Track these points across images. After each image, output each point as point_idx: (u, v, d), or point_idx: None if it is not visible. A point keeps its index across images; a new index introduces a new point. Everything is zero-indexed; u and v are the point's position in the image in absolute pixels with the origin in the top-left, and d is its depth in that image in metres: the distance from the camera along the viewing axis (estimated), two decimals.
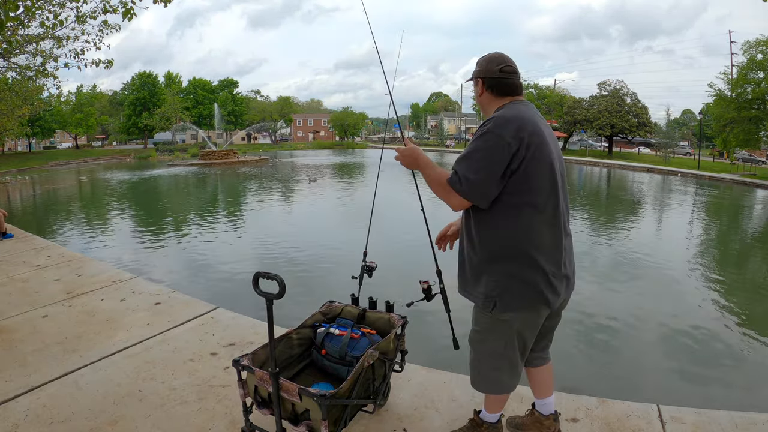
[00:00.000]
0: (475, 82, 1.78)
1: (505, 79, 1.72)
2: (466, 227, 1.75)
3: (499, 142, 1.54)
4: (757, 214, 14.67)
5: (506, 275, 1.64)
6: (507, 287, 1.64)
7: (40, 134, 46.11)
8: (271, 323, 1.72)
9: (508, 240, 1.63)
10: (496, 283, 1.66)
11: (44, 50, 7.73)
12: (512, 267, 1.63)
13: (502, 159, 1.55)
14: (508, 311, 1.66)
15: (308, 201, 14.72)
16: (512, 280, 1.64)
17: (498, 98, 1.73)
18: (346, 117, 63.03)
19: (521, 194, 1.59)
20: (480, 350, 1.81)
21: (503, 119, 1.59)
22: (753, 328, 4.85)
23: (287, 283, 1.60)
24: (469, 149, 1.60)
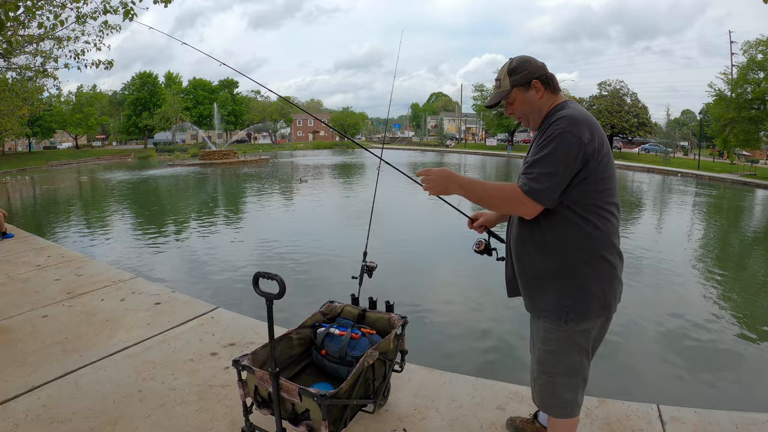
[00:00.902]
0: (524, 87, 1.61)
1: (552, 75, 1.63)
2: (526, 235, 1.62)
3: (577, 142, 1.44)
4: (757, 214, 14.67)
5: (583, 282, 1.53)
6: (585, 295, 1.53)
7: (40, 134, 46.12)
8: (271, 323, 1.72)
9: (589, 244, 1.52)
10: (572, 292, 1.54)
11: (44, 50, 7.74)
12: (590, 272, 1.53)
13: (580, 160, 1.45)
14: (588, 320, 1.55)
15: (308, 201, 14.72)
16: (590, 286, 1.53)
17: (554, 95, 1.62)
18: (346, 117, 63.07)
19: (602, 196, 1.51)
20: (555, 371, 1.64)
21: (575, 119, 1.48)
22: (753, 328, 4.85)
23: (287, 283, 1.60)
24: (544, 152, 1.47)
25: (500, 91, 1.65)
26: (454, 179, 1.59)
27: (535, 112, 1.62)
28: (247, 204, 14.68)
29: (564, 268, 1.55)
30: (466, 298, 5.48)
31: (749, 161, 29.32)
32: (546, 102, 1.61)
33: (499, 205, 1.60)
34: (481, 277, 6.08)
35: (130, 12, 5.34)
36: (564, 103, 1.59)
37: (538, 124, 1.63)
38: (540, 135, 1.55)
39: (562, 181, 1.46)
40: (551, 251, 1.56)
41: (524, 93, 1.61)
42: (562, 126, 1.46)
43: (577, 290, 1.54)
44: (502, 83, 1.64)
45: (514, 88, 1.61)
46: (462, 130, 65.98)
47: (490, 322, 4.72)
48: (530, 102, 1.61)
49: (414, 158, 37.31)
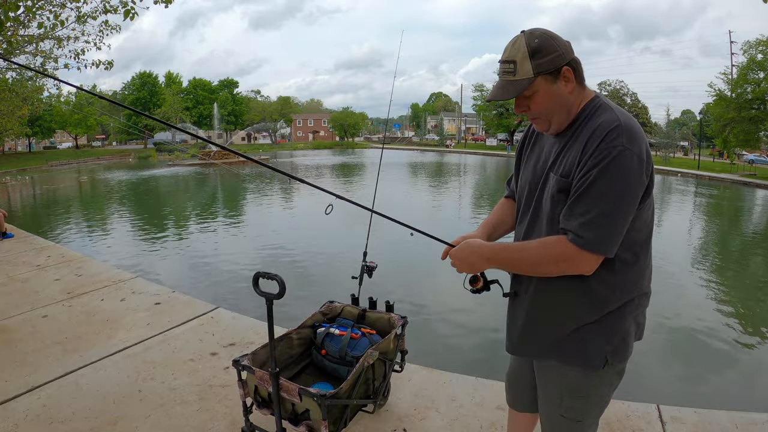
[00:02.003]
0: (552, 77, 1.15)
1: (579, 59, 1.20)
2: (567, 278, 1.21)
3: (638, 164, 1.08)
4: (757, 214, 14.67)
5: (628, 327, 1.26)
6: (628, 338, 1.26)
7: (40, 134, 46.16)
8: (271, 323, 1.72)
9: (639, 284, 1.25)
10: (614, 338, 1.24)
11: (44, 50, 7.74)
12: (634, 311, 1.26)
13: (641, 189, 1.11)
14: (624, 359, 1.29)
15: (308, 201, 14.72)
16: (629, 325, 1.26)
17: (583, 88, 1.22)
18: (346, 117, 63.09)
19: (645, 225, 1.21)
20: (587, 419, 1.35)
21: (631, 128, 1.10)
22: (753, 327, 4.85)
23: (287, 283, 1.59)
24: (600, 182, 1.08)
25: (518, 79, 1.15)
26: (478, 253, 1.27)
27: (563, 111, 1.19)
28: (247, 204, 14.68)
29: (608, 318, 1.23)
30: (467, 297, 5.45)
31: (749, 161, 29.30)
32: (575, 97, 1.19)
33: (545, 269, 1.20)
34: None
35: (131, 12, 5.34)
36: (598, 99, 1.21)
37: (564, 127, 1.22)
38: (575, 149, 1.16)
39: (627, 221, 1.11)
40: (594, 298, 1.21)
41: (551, 84, 1.16)
42: (620, 142, 1.07)
43: (620, 336, 1.25)
44: (518, 68, 1.14)
45: (539, 77, 1.14)
46: (462, 130, 66.00)
47: (491, 321, 4.72)
48: (558, 97, 1.17)
49: (414, 158, 37.30)
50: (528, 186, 1.34)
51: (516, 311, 1.39)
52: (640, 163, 1.08)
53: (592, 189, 1.09)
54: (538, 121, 1.24)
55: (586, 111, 1.19)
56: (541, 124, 1.25)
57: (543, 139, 1.34)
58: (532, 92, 1.17)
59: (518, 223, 1.41)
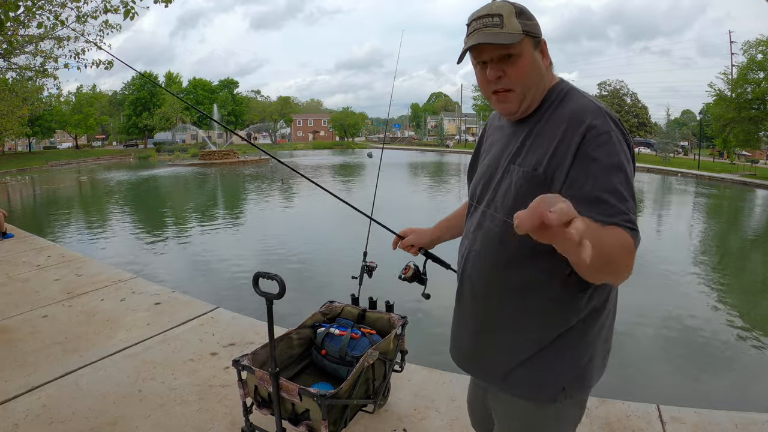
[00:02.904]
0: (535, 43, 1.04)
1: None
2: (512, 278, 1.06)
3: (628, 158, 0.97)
4: (757, 214, 14.67)
5: (593, 344, 1.07)
6: (589, 361, 1.06)
7: (40, 134, 46.17)
8: (271, 323, 1.72)
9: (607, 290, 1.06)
10: (576, 361, 1.05)
11: (44, 50, 7.74)
12: (598, 325, 1.06)
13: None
14: (588, 388, 1.09)
15: (308, 201, 14.72)
16: (596, 348, 1.08)
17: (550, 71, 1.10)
18: (346, 117, 63.10)
19: None
20: None
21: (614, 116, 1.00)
22: (753, 327, 4.85)
23: (287, 283, 1.60)
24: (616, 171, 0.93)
25: (505, 32, 0.99)
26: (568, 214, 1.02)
27: (538, 87, 1.06)
28: (247, 204, 14.68)
29: (571, 336, 1.04)
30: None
31: (749, 161, 29.32)
32: (549, 77, 1.09)
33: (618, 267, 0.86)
34: None
35: (131, 11, 5.34)
36: (565, 83, 1.10)
37: (532, 108, 1.07)
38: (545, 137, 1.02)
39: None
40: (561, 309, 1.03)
41: (534, 51, 1.04)
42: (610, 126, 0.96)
43: (585, 359, 1.06)
44: (506, 22, 1.00)
45: (527, 37, 1.00)
46: (462, 130, 66.00)
47: None
48: (539, 68, 1.04)
49: (414, 158, 37.30)
50: (482, 182, 1.18)
51: (460, 317, 1.21)
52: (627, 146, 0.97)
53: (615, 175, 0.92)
54: (511, 96, 1.05)
55: (554, 95, 1.07)
56: (512, 101, 1.05)
57: (499, 132, 1.19)
58: (517, 52, 1.01)
59: (467, 220, 1.24)
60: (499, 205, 1.08)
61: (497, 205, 1.09)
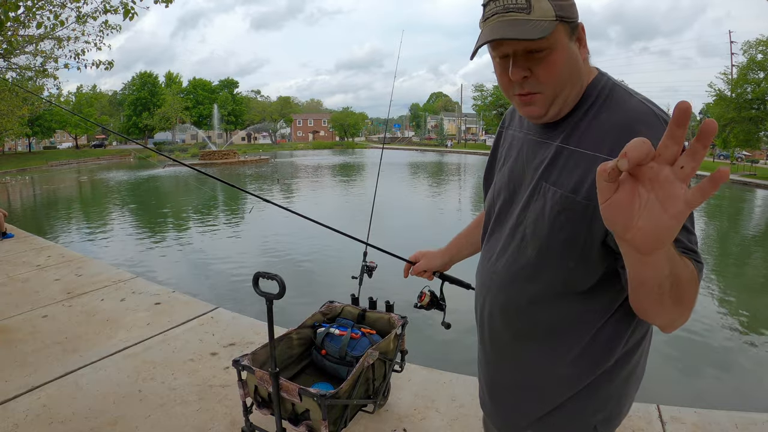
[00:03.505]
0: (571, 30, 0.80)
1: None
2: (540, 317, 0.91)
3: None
4: (757, 213, 14.68)
5: (625, 383, 0.93)
6: (623, 397, 0.94)
7: (40, 134, 46.19)
8: (271, 323, 1.72)
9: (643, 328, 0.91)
10: (608, 401, 0.92)
11: (44, 51, 7.73)
12: (633, 368, 0.93)
13: None
14: (618, 424, 0.97)
15: (308, 201, 14.73)
16: (630, 385, 0.94)
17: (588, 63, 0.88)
18: (346, 117, 63.14)
19: None
20: None
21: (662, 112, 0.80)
22: (753, 328, 4.85)
23: (287, 283, 1.59)
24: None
25: (534, 18, 0.76)
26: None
27: (575, 85, 0.83)
28: (247, 203, 14.67)
29: (605, 374, 0.90)
30: (467, 297, 5.47)
31: (749, 161, 29.32)
32: (587, 71, 0.86)
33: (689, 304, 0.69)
34: None
35: (130, 12, 5.33)
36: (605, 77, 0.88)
37: (564, 111, 0.85)
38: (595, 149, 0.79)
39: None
40: (593, 352, 0.88)
41: (569, 41, 0.80)
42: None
43: (615, 398, 0.93)
44: (534, 4, 0.76)
45: (560, 23, 0.78)
46: (462, 129, 66.02)
47: None
48: (576, 62, 0.82)
49: (414, 158, 37.30)
50: (502, 195, 1.00)
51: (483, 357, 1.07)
52: None
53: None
54: (537, 98, 0.83)
55: (593, 95, 0.84)
56: (539, 104, 0.84)
57: (522, 133, 0.99)
58: (547, 45, 0.78)
59: (486, 242, 1.05)
60: (529, 232, 0.89)
61: (526, 231, 0.90)
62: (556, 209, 0.83)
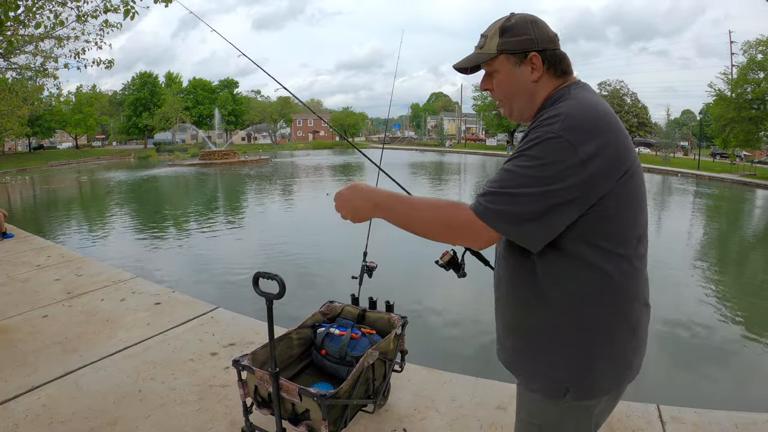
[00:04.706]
0: (517, 59, 1.10)
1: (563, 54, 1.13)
2: (521, 275, 1.12)
3: (571, 153, 0.95)
4: (757, 214, 14.67)
5: (588, 351, 1.07)
6: (589, 368, 1.07)
7: (40, 134, 46.19)
8: (271, 323, 1.72)
9: (601, 298, 1.06)
10: (573, 363, 1.07)
11: (44, 50, 7.73)
12: (597, 338, 1.06)
13: (575, 184, 0.96)
14: (591, 397, 1.10)
15: (308, 201, 14.73)
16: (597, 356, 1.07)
17: (556, 79, 1.12)
18: (346, 117, 63.15)
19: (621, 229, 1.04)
20: None
21: (578, 119, 0.98)
22: (753, 328, 4.85)
23: (287, 283, 1.59)
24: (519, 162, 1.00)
25: (480, 52, 1.13)
26: (365, 195, 1.15)
27: (523, 98, 1.13)
28: (246, 203, 14.68)
29: (568, 331, 1.07)
30: (467, 297, 5.47)
31: (750, 161, 29.32)
32: (543, 88, 1.11)
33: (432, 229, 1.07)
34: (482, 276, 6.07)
35: (130, 11, 5.33)
36: (565, 88, 1.10)
37: (527, 116, 1.15)
38: (524, 136, 1.07)
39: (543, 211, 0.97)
40: (552, 305, 1.07)
41: (514, 67, 1.10)
42: (553, 129, 0.97)
43: (581, 362, 1.07)
44: (487, 42, 1.12)
45: (501, 55, 1.10)
46: (462, 130, 66.01)
47: (491, 321, 4.72)
48: (519, 82, 1.11)
49: (414, 158, 37.31)
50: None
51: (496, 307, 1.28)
52: (571, 152, 0.94)
53: (508, 168, 1.01)
54: (501, 105, 1.19)
55: (549, 100, 1.10)
56: (503, 108, 1.19)
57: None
58: (494, 69, 1.13)
59: None
60: None
61: None
62: None
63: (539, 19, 1.12)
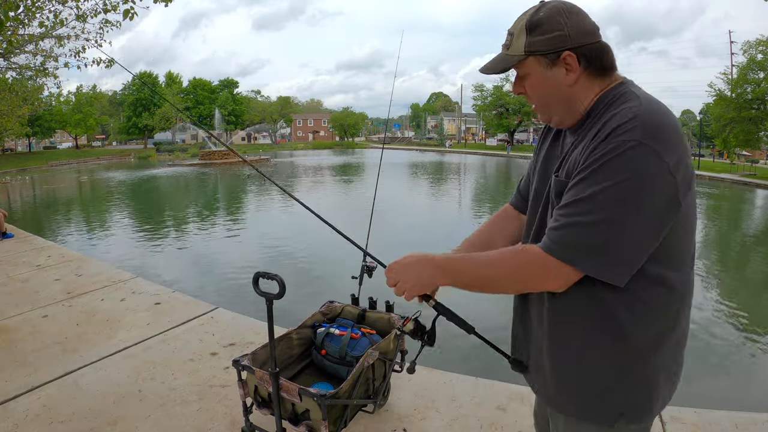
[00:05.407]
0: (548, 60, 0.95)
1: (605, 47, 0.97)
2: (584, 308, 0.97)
3: (659, 165, 0.83)
4: (757, 213, 14.68)
5: (646, 372, 0.97)
6: (648, 389, 0.98)
7: (40, 134, 46.18)
8: (271, 323, 1.72)
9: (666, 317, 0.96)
10: (630, 387, 0.97)
11: (44, 49, 7.73)
12: (659, 358, 0.97)
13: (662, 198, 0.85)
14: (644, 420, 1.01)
15: (308, 201, 14.73)
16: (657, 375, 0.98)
17: (600, 80, 0.97)
18: (346, 117, 63.16)
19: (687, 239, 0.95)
20: None
21: (655, 123, 0.86)
22: (753, 327, 4.85)
23: (287, 283, 1.59)
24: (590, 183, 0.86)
25: (507, 55, 0.99)
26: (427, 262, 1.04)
27: (560, 103, 0.99)
28: (247, 203, 14.68)
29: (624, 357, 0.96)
30: (467, 297, 5.46)
31: (749, 161, 29.33)
32: (582, 90, 0.97)
33: (505, 282, 0.98)
34: None
35: (130, 11, 5.33)
36: (621, 87, 0.97)
37: (568, 123, 1.02)
38: (581, 147, 0.93)
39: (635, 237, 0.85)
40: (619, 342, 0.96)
41: (545, 69, 0.96)
42: (633, 136, 0.83)
43: (637, 385, 0.97)
44: (513, 42, 0.98)
45: (530, 57, 0.96)
46: (462, 130, 66.02)
47: (491, 321, 4.71)
48: (553, 86, 0.97)
49: (414, 158, 37.31)
50: (535, 192, 1.12)
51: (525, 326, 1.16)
52: (660, 166, 0.82)
53: (584, 185, 0.86)
54: (537, 110, 1.05)
55: (602, 103, 0.96)
56: (541, 114, 1.05)
57: (563, 136, 1.10)
58: (524, 73, 0.99)
59: (524, 237, 1.17)
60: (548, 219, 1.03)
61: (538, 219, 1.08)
62: (553, 192, 1.00)
63: (575, 8, 0.95)
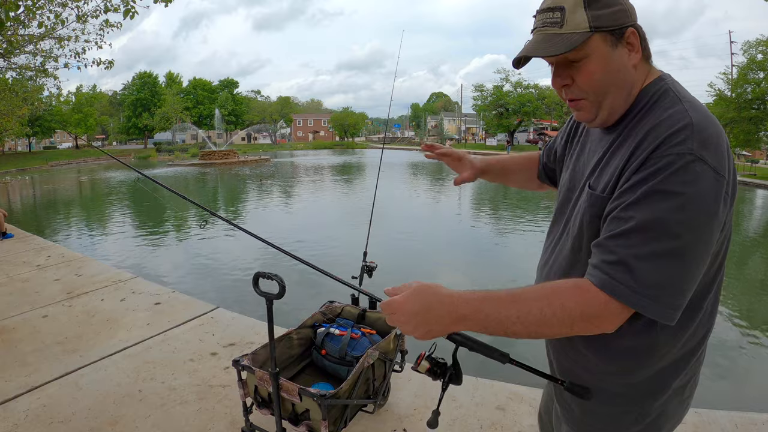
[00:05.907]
0: (613, 37, 0.81)
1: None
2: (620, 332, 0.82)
3: (717, 184, 0.74)
4: (757, 213, 14.68)
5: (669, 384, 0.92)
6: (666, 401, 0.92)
7: (40, 134, 46.20)
8: (271, 323, 1.72)
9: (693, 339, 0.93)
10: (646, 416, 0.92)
11: (44, 50, 7.74)
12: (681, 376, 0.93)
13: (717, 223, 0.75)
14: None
15: (308, 201, 14.73)
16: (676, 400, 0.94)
17: (647, 64, 0.87)
18: (346, 117, 63.19)
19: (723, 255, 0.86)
20: None
21: (706, 131, 0.75)
22: (753, 327, 4.85)
23: (287, 283, 1.59)
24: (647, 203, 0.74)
25: (566, 32, 0.80)
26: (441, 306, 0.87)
27: (621, 91, 0.84)
28: (247, 203, 14.68)
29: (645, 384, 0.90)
30: None
31: (749, 161, 29.34)
32: (639, 77, 0.85)
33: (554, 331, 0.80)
34: (482, 276, 6.08)
35: (130, 11, 5.34)
36: (663, 81, 0.85)
37: (615, 117, 0.87)
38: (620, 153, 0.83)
39: (692, 269, 0.75)
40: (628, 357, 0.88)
41: (611, 49, 0.81)
42: (688, 147, 0.73)
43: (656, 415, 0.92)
44: (567, 17, 0.80)
45: (596, 33, 0.79)
46: (462, 130, 66.01)
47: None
48: (619, 69, 0.82)
49: (414, 158, 37.31)
50: (562, 193, 1.02)
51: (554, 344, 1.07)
52: (718, 182, 0.73)
53: (639, 209, 0.74)
54: (583, 105, 0.86)
55: (644, 99, 0.84)
56: (586, 110, 0.87)
57: (591, 132, 0.99)
58: (583, 55, 0.81)
59: (547, 235, 1.08)
60: (570, 228, 0.94)
61: (569, 228, 0.95)
62: (587, 206, 0.87)
63: None
